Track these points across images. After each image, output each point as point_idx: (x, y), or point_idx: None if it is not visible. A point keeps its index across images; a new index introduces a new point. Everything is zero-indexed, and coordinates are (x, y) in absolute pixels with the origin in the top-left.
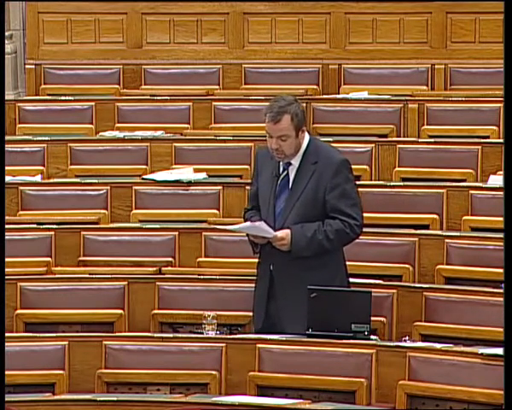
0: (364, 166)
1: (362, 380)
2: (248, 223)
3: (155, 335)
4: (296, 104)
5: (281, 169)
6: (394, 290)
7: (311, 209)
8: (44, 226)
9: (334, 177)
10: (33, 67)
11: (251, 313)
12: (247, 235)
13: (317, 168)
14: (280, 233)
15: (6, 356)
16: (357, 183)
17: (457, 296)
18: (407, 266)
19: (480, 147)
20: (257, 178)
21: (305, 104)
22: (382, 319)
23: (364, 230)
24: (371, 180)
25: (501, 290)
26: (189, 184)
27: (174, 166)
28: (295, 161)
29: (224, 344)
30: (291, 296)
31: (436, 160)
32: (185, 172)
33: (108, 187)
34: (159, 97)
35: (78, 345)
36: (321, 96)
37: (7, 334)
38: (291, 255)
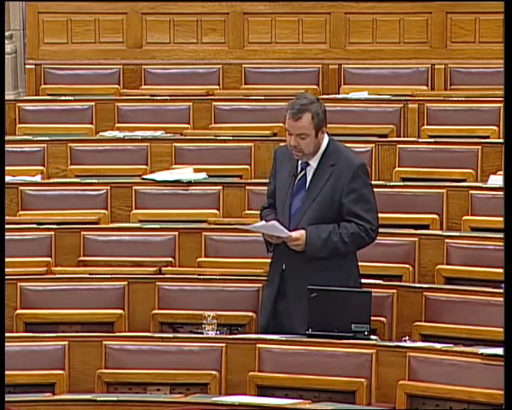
0: None
1: (362, 380)
2: (263, 222)
3: (155, 335)
4: (318, 104)
5: (299, 169)
6: (394, 290)
7: (326, 211)
8: (44, 226)
9: (352, 181)
10: (33, 67)
11: (251, 314)
12: (263, 234)
13: (335, 171)
14: (295, 234)
15: (6, 356)
16: None
17: (457, 296)
18: (407, 266)
19: (479, 147)
20: (274, 177)
21: None
22: (382, 319)
23: None
24: (371, 180)
25: (501, 290)
26: (189, 184)
27: (174, 166)
28: (313, 162)
29: (224, 344)
30: (303, 296)
31: (436, 160)
32: (185, 172)
33: (108, 187)
34: (159, 97)
35: (78, 345)
36: (321, 96)
37: (7, 334)
38: (305, 256)
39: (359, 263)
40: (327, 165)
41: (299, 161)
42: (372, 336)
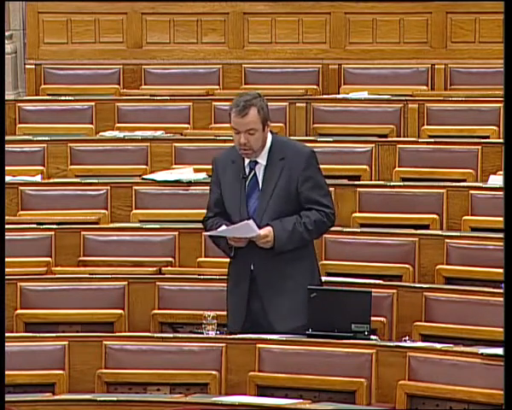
0: (364, 166)
1: (362, 380)
2: (236, 225)
3: (155, 335)
4: (261, 98)
5: (247, 170)
6: (394, 290)
7: (284, 205)
8: (44, 226)
9: (305, 169)
10: (33, 67)
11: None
12: (217, 242)
13: (286, 163)
14: (263, 231)
15: (6, 356)
16: (357, 183)
17: (457, 296)
18: (407, 266)
19: (479, 147)
20: (218, 185)
21: (304, 104)
22: (382, 319)
23: (364, 230)
24: (371, 180)
25: (501, 290)
26: (189, 184)
27: (174, 166)
28: (262, 160)
29: (224, 344)
30: (275, 291)
31: (436, 160)
32: (185, 172)
33: (108, 187)
34: (159, 97)
35: (78, 345)
36: (321, 96)
37: (7, 334)
38: (274, 252)
39: (359, 263)
40: (276, 159)
41: (246, 162)
42: (372, 336)
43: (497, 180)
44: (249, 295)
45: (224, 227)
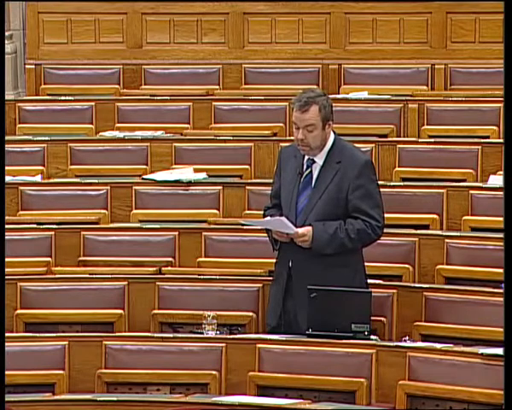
0: None
1: (362, 380)
2: (269, 217)
3: (155, 335)
4: (325, 97)
5: (304, 166)
6: (394, 290)
7: (332, 208)
8: (44, 226)
9: (358, 177)
10: (33, 67)
11: (251, 314)
12: (267, 231)
13: (341, 168)
14: (301, 230)
15: (6, 356)
16: None
17: (457, 296)
18: (407, 266)
19: (479, 147)
20: (279, 176)
21: None
22: (382, 319)
23: None
24: None
25: (501, 290)
26: (189, 184)
27: (174, 166)
28: (319, 159)
29: (223, 344)
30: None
31: (436, 160)
32: (185, 172)
33: (108, 187)
34: (159, 97)
35: (78, 345)
36: None
37: (7, 334)
38: (311, 252)
39: None
40: (333, 162)
41: (305, 159)
42: (372, 336)
43: (497, 180)
44: (285, 292)
45: (266, 218)
